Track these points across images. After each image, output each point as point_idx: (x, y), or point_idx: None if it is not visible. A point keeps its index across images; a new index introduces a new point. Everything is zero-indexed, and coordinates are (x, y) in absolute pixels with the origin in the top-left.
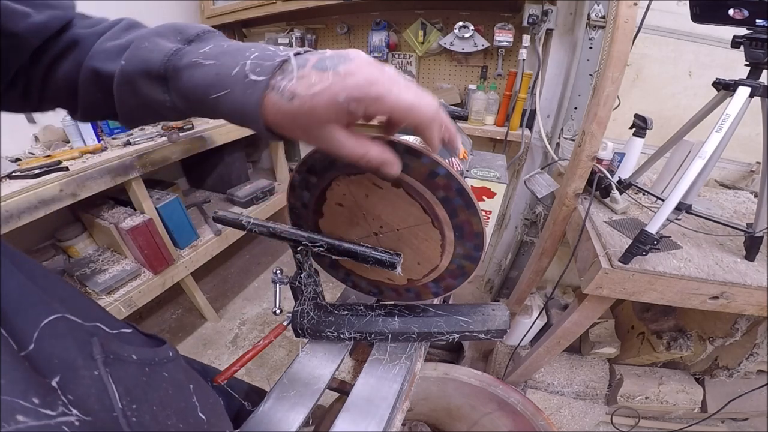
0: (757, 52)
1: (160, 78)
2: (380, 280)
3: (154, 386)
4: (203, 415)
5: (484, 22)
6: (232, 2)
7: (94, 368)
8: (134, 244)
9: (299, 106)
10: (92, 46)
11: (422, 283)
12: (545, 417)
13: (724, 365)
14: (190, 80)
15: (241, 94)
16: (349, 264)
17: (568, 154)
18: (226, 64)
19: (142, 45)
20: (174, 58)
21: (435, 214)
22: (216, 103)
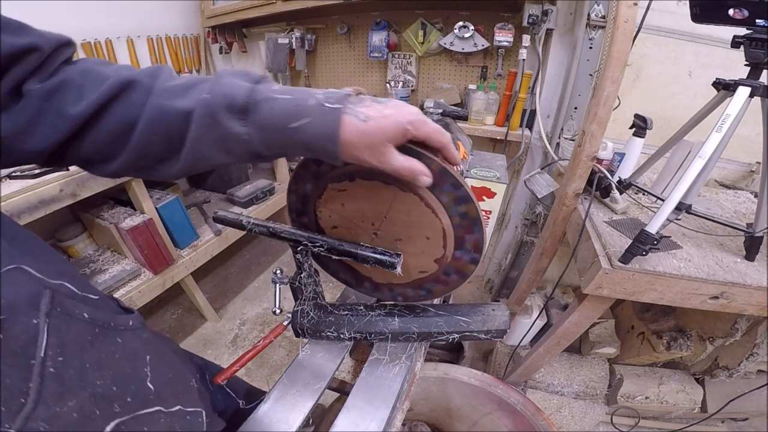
0: (757, 52)
1: (242, 111)
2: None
3: (97, 346)
4: (152, 385)
5: (484, 22)
6: (232, 2)
7: (35, 317)
8: (134, 244)
9: (373, 125)
10: (152, 86)
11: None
12: (545, 417)
13: (724, 365)
14: (271, 112)
15: (320, 119)
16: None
17: (568, 154)
18: (301, 98)
19: (221, 81)
20: (254, 93)
21: (437, 212)
22: (295, 132)
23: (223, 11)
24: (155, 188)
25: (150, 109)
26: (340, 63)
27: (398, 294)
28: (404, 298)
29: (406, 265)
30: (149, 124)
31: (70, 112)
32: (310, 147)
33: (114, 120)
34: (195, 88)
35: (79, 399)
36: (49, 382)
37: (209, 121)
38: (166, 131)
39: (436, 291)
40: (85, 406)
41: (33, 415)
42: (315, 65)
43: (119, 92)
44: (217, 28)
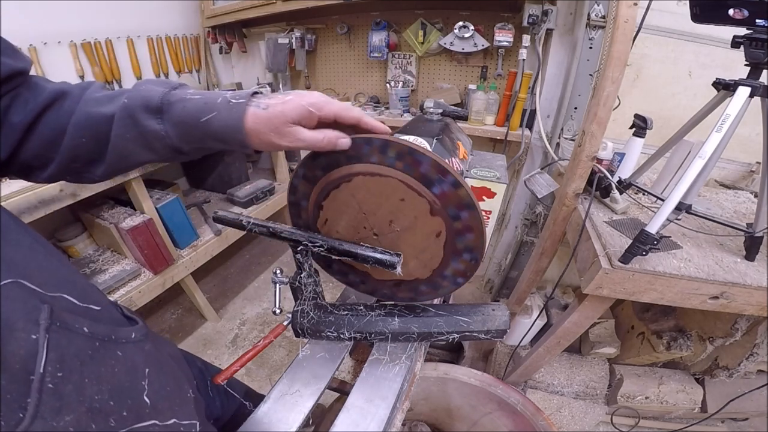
0: (757, 52)
1: (158, 110)
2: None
3: (97, 360)
4: (148, 399)
5: (484, 22)
6: (232, 2)
7: (34, 332)
8: (134, 244)
9: (273, 112)
10: (81, 96)
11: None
12: (545, 417)
13: (724, 365)
14: (183, 110)
15: (226, 113)
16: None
17: (568, 154)
18: (211, 97)
19: (140, 88)
20: (168, 96)
21: (436, 210)
22: (205, 125)
23: (223, 11)
24: (155, 188)
25: (78, 115)
26: (340, 63)
27: (454, 274)
28: (462, 275)
29: (421, 240)
30: (78, 128)
31: (14, 121)
32: (221, 137)
33: (49, 126)
34: (118, 97)
35: (76, 414)
36: (47, 398)
37: (128, 121)
38: (93, 134)
39: (472, 244)
40: (81, 421)
41: (30, 429)
42: (315, 65)
43: (53, 102)
44: (217, 28)
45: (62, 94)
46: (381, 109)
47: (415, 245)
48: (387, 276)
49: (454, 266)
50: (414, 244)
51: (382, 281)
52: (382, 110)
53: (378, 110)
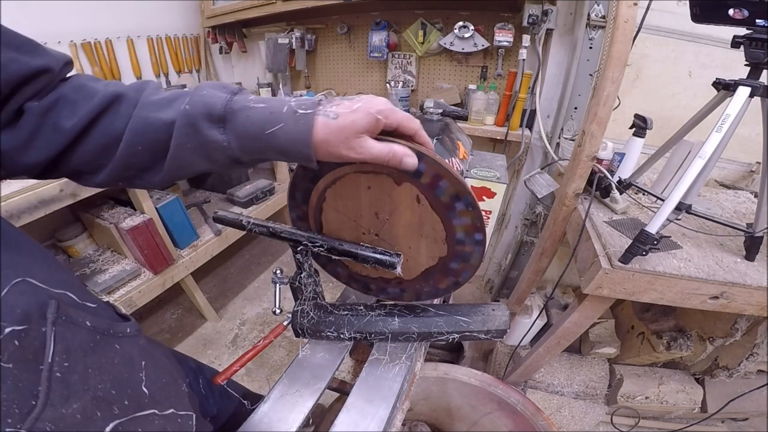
0: (757, 52)
1: (220, 119)
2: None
3: (98, 352)
4: (146, 389)
5: (484, 22)
6: (232, 2)
7: (43, 325)
8: (134, 244)
9: (343, 121)
10: (137, 99)
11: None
12: (545, 417)
13: (724, 365)
14: (247, 120)
15: (294, 124)
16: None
17: (568, 154)
18: (275, 106)
19: (201, 93)
20: (231, 103)
21: (437, 210)
22: (271, 137)
23: (223, 11)
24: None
25: (135, 121)
26: (340, 63)
27: (457, 269)
28: (437, 284)
29: (416, 249)
30: (135, 135)
31: (65, 126)
32: (285, 151)
33: (103, 132)
34: (177, 100)
35: (82, 401)
36: (56, 386)
37: (190, 129)
38: (150, 141)
39: (469, 251)
40: (87, 408)
41: (41, 416)
42: (315, 65)
43: (108, 106)
44: (217, 28)
45: (117, 97)
46: None
47: (410, 224)
48: (417, 271)
49: (458, 223)
50: (408, 222)
51: (416, 279)
52: None
53: None
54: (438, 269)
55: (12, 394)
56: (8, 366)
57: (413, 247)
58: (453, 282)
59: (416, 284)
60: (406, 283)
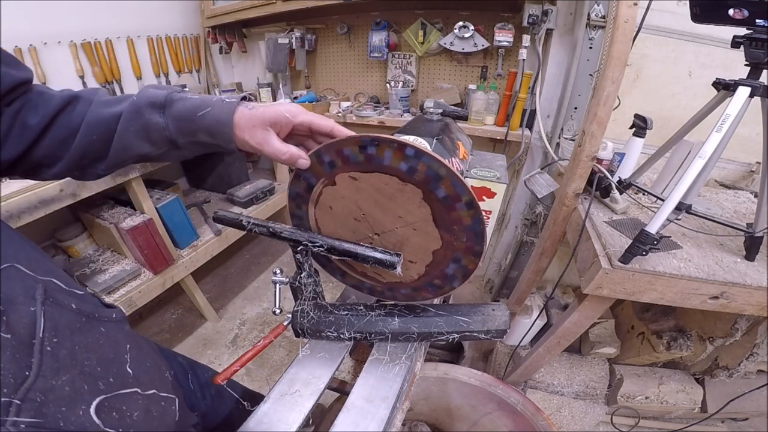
0: (757, 52)
1: (161, 106)
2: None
3: (85, 332)
4: (131, 370)
5: (484, 22)
6: (232, 2)
7: (32, 305)
8: (134, 244)
9: (256, 111)
10: (92, 99)
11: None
12: (545, 417)
13: (724, 365)
14: (183, 106)
15: (219, 108)
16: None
17: (568, 154)
18: (207, 97)
19: (148, 90)
20: (171, 95)
21: (438, 209)
22: (201, 119)
23: (223, 11)
24: (155, 188)
25: (90, 115)
26: (340, 63)
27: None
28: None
29: (417, 246)
30: (90, 127)
31: (31, 124)
32: (212, 131)
33: (62, 126)
34: (127, 98)
35: (71, 375)
36: (47, 359)
37: (135, 115)
38: (103, 132)
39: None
40: (75, 382)
41: (33, 386)
42: (315, 65)
43: (66, 105)
44: (217, 28)
45: (74, 98)
46: (381, 109)
47: (374, 200)
48: (430, 230)
49: (373, 150)
50: (371, 201)
51: (426, 275)
52: (382, 110)
53: (378, 110)
54: (439, 204)
55: (9, 363)
56: (7, 336)
57: (401, 213)
58: (465, 204)
59: (426, 278)
60: (416, 279)
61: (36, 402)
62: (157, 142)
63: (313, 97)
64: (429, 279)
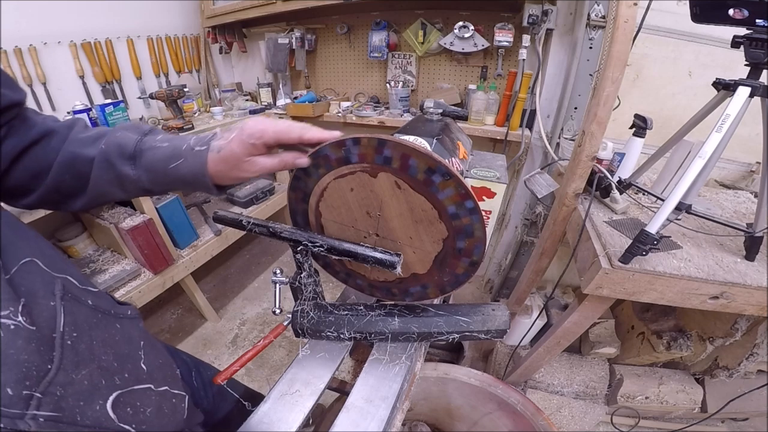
0: (757, 52)
1: (131, 157)
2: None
3: (101, 328)
4: (145, 366)
5: (484, 22)
6: (232, 2)
7: (51, 300)
8: (134, 244)
9: (225, 153)
10: (67, 136)
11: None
12: (545, 417)
13: (724, 365)
14: (154, 156)
15: (192, 159)
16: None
17: (568, 154)
18: (177, 144)
19: (116, 134)
20: (140, 144)
21: (437, 209)
22: (174, 171)
23: (223, 11)
24: None
25: (63, 155)
26: (340, 63)
27: (466, 248)
28: (442, 280)
29: (419, 244)
30: (62, 167)
31: (2, 151)
32: (189, 182)
33: (33, 160)
34: (100, 139)
35: (89, 369)
36: (68, 352)
37: (106, 165)
38: (75, 173)
39: (467, 222)
40: (93, 376)
41: (55, 380)
42: (315, 65)
43: (40, 138)
44: (217, 28)
45: (50, 132)
46: (381, 109)
47: (401, 213)
48: (429, 260)
49: (443, 196)
50: (399, 213)
51: (431, 271)
52: (382, 110)
53: (378, 110)
54: (448, 253)
55: (34, 356)
56: (32, 329)
57: (414, 236)
58: (469, 263)
59: (435, 276)
60: (424, 277)
61: (56, 396)
62: (132, 191)
63: (313, 97)
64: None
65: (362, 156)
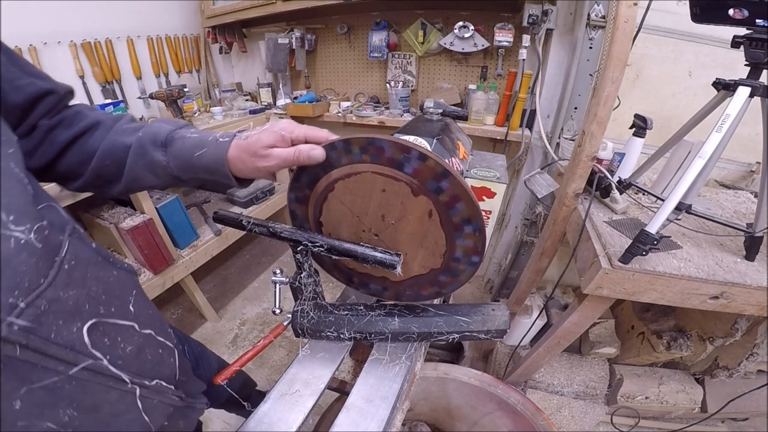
0: (757, 52)
1: (163, 144)
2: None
3: (99, 267)
4: (132, 309)
5: (484, 22)
6: (232, 2)
7: (61, 235)
8: (134, 244)
9: (251, 139)
10: (112, 127)
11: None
12: (545, 417)
13: (724, 365)
14: (183, 145)
15: (214, 148)
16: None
17: (568, 154)
18: (204, 136)
19: (153, 125)
20: (172, 134)
21: (436, 209)
22: (198, 159)
23: (223, 11)
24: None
25: (106, 143)
26: (340, 63)
27: (444, 282)
28: (443, 286)
29: (421, 250)
30: (104, 154)
31: (57, 140)
32: (210, 169)
33: (82, 148)
34: (139, 130)
35: (77, 292)
36: (62, 274)
37: (140, 150)
38: (115, 159)
39: (462, 269)
40: (79, 300)
41: (43, 294)
42: (315, 65)
43: (89, 129)
44: (217, 28)
45: (98, 123)
46: (381, 109)
47: (414, 233)
48: (406, 276)
49: (461, 244)
50: (412, 231)
51: (402, 282)
52: (382, 110)
53: (378, 110)
54: (426, 278)
55: (32, 269)
56: (38, 246)
57: (410, 254)
58: (436, 292)
59: (400, 287)
60: (389, 282)
61: (39, 309)
62: (162, 177)
63: (313, 97)
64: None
65: (417, 172)
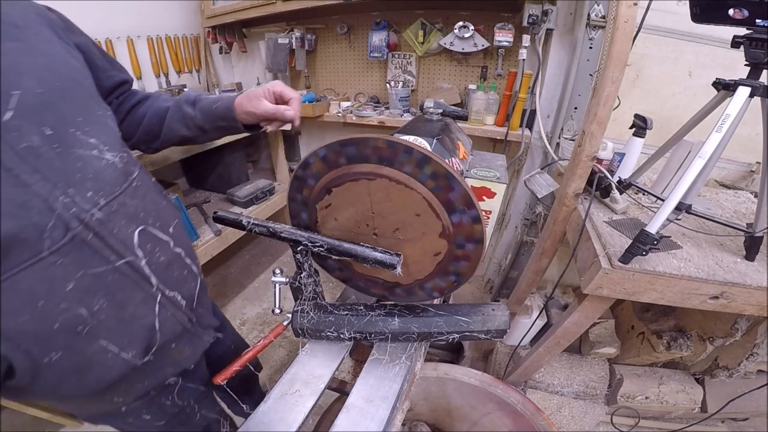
0: (757, 52)
1: (192, 102)
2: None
3: (156, 194)
4: (172, 230)
5: (484, 22)
6: (232, 2)
7: (134, 166)
8: None
9: (249, 92)
10: (158, 97)
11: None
12: (545, 417)
13: (724, 365)
14: (206, 101)
15: (226, 100)
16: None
17: (568, 154)
18: (221, 95)
19: (187, 93)
20: (199, 96)
21: (409, 184)
22: (215, 110)
23: (223, 11)
24: None
25: (153, 107)
26: (340, 63)
27: (432, 289)
28: (440, 291)
29: (418, 253)
30: (151, 115)
31: (122, 108)
32: (223, 116)
33: (137, 113)
34: (175, 98)
35: (137, 203)
36: (131, 189)
37: (176, 107)
38: (158, 118)
39: (463, 270)
40: (138, 209)
41: (116, 198)
42: (315, 65)
43: (141, 101)
44: (217, 28)
45: (147, 96)
46: (381, 109)
47: (410, 255)
48: (366, 270)
49: (436, 282)
50: (410, 254)
51: (360, 273)
52: (382, 110)
53: (378, 110)
54: (385, 282)
55: (114, 180)
56: (120, 166)
57: (407, 260)
58: (381, 294)
59: (356, 275)
60: (351, 269)
61: (111, 208)
62: (191, 127)
63: (313, 97)
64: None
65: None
